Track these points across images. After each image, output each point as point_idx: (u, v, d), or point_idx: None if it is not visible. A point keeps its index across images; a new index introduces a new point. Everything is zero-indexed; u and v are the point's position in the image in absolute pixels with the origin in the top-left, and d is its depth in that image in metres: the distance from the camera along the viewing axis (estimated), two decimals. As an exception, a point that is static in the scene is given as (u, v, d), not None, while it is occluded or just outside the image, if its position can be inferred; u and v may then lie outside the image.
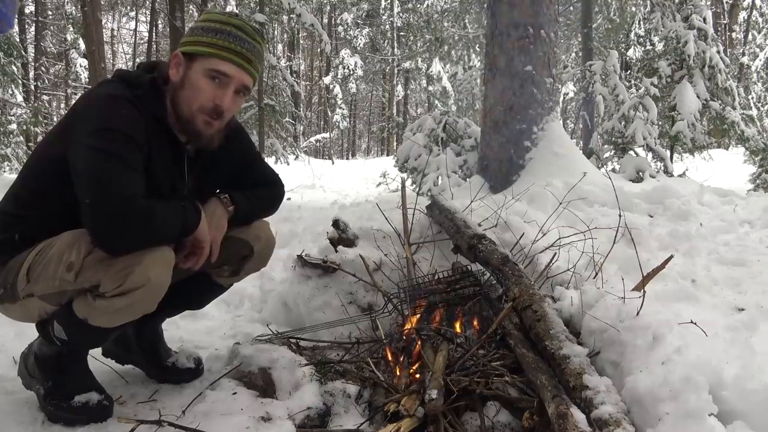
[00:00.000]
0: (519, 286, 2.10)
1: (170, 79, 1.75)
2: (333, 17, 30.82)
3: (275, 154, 13.53)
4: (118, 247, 1.60)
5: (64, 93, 23.77)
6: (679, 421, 1.39)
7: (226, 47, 1.71)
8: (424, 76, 26.20)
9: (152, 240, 1.64)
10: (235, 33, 1.73)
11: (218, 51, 1.71)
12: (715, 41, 10.67)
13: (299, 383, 1.98)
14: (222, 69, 1.71)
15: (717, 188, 5.32)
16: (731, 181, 9.87)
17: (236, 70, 1.73)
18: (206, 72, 1.71)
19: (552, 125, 4.80)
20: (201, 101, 1.73)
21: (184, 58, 1.74)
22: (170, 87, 1.76)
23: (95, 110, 1.65)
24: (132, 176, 1.61)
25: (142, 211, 1.57)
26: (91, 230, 1.58)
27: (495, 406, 1.80)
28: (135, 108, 1.67)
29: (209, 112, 1.74)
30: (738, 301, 2.50)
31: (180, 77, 1.74)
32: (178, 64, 1.75)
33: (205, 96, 1.72)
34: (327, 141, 30.05)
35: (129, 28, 29.74)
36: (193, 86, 1.72)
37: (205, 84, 1.72)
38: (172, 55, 1.77)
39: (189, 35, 1.77)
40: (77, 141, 1.60)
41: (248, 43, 1.75)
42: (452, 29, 15.97)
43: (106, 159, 1.57)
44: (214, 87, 1.72)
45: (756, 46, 24.58)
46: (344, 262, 2.71)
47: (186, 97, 1.73)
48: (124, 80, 1.75)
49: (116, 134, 1.60)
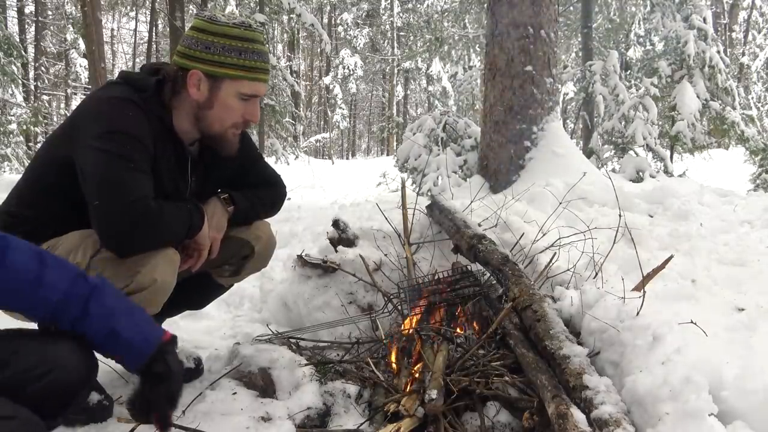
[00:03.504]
0: (519, 286, 2.10)
1: (191, 96, 1.75)
2: (333, 17, 30.83)
3: (275, 154, 13.55)
4: (127, 248, 1.61)
5: (64, 93, 23.79)
6: (679, 421, 1.39)
7: (254, 67, 1.74)
8: (424, 76, 26.24)
9: (160, 241, 1.65)
10: (256, 48, 1.74)
11: (247, 73, 1.73)
12: (715, 41, 10.68)
13: (299, 383, 1.98)
14: (254, 92, 1.76)
15: (717, 188, 5.32)
16: (731, 181, 9.86)
17: (264, 86, 1.80)
18: (238, 95, 1.75)
19: (552, 125, 4.80)
20: (234, 119, 1.78)
21: (207, 77, 1.72)
22: (189, 101, 1.76)
23: (102, 112, 1.65)
24: (140, 178, 1.62)
25: (152, 213, 1.59)
26: (100, 231, 1.59)
27: (495, 406, 1.80)
28: (141, 110, 1.68)
29: (241, 126, 1.81)
30: (738, 301, 2.50)
31: (207, 97, 1.74)
32: (199, 82, 1.73)
33: (238, 114, 1.78)
34: (327, 141, 30.06)
35: (129, 28, 29.77)
36: (225, 107, 1.75)
37: (237, 104, 1.76)
38: (189, 73, 1.73)
39: (207, 52, 1.71)
40: (84, 143, 1.61)
41: (266, 55, 1.78)
42: (452, 29, 15.98)
43: (114, 161, 1.58)
44: (244, 105, 1.77)
45: (756, 46, 24.58)
46: (344, 262, 2.71)
47: (218, 116, 1.77)
48: (129, 83, 1.76)
49: (124, 136, 1.61)
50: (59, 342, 1.31)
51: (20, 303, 1.31)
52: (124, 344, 1.33)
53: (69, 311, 1.30)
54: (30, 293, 1.28)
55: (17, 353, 1.26)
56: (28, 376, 1.24)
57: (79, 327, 1.31)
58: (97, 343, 1.34)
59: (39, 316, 1.33)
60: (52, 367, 1.26)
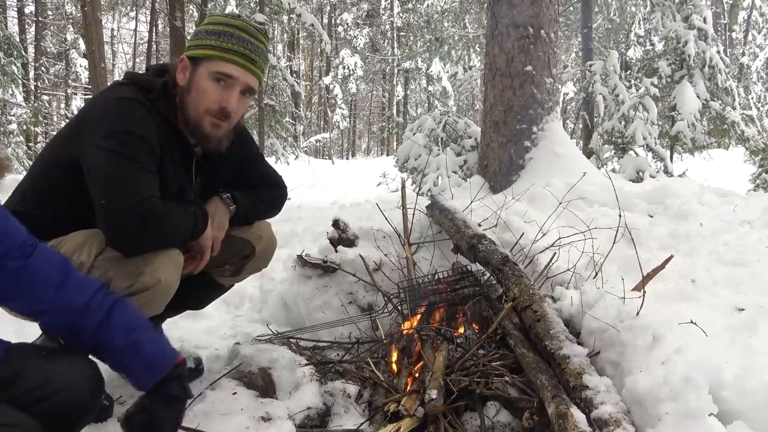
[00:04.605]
0: (519, 286, 2.10)
1: (178, 84, 1.77)
2: (333, 17, 30.83)
3: (275, 154, 13.54)
4: (134, 247, 1.61)
5: (64, 93, 23.76)
6: (679, 421, 1.39)
7: (230, 49, 1.72)
8: (424, 76, 26.22)
9: (167, 241, 1.66)
10: (238, 34, 1.74)
11: (222, 53, 1.72)
12: (715, 41, 10.67)
13: (299, 383, 1.98)
14: (226, 71, 1.72)
15: (717, 188, 5.31)
16: (731, 181, 9.85)
17: (240, 71, 1.74)
18: (211, 74, 1.72)
19: (552, 125, 4.80)
20: (207, 103, 1.74)
21: (189, 62, 1.75)
22: (178, 91, 1.78)
23: (109, 113, 1.66)
24: (147, 178, 1.62)
25: (159, 213, 1.59)
26: (106, 231, 1.59)
27: (495, 406, 1.80)
28: (147, 111, 1.69)
29: (216, 114, 1.75)
30: (738, 301, 2.50)
31: (187, 81, 1.76)
32: (184, 69, 1.76)
33: (211, 98, 1.74)
34: (327, 141, 30.04)
35: (129, 28, 29.75)
36: (199, 89, 1.74)
37: (211, 86, 1.73)
38: (178, 59, 1.78)
39: (193, 39, 1.79)
40: (91, 143, 1.61)
41: (251, 44, 1.76)
42: (452, 29, 15.96)
43: (121, 161, 1.58)
44: (219, 89, 1.74)
45: (756, 46, 24.58)
46: (344, 262, 2.71)
47: (193, 100, 1.75)
48: (135, 83, 1.76)
49: (131, 137, 1.61)
50: (72, 361, 1.31)
51: (41, 306, 1.32)
52: (144, 357, 1.34)
53: (92, 317, 1.31)
54: (52, 298, 1.30)
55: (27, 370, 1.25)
56: (38, 393, 1.24)
57: (100, 334, 1.31)
58: (116, 352, 1.33)
59: (58, 323, 1.33)
60: (62, 387, 1.25)
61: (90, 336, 1.32)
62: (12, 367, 1.23)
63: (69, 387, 1.26)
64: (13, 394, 1.20)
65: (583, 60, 12.00)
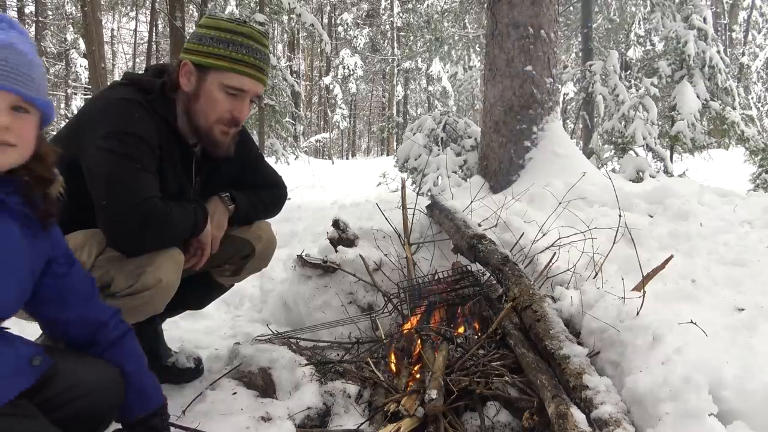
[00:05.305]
0: (519, 286, 2.10)
1: (181, 88, 1.76)
2: (333, 17, 30.83)
3: (275, 154, 13.54)
4: (135, 247, 1.62)
5: (64, 93, 23.76)
6: (679, 421, 1.39)
7: (241, 60, 1.72)
8: (424, 76, 26.21)
9: (168, 241, 1.67)
10: (247, 43, 1.73)
11: (232, 64, 1.71)
12: (715, 41, 10.67)
13: (299, 383, 1.98)
14: (238, 85, 1.73)
15: (717, 188, 5.30)
16: (731, 181, 9.85)
17: (252, 83, 1.75)
18: (222, 87, 1.72)
19: (552, 125, 4.79)
20: (219, 114, 1.75)
21: (195, 68, 1.74)
22: (182, 95, 1.77)
23: (108, 114, 1.66)
24: (147, 178, 1.63)
25: (160, 212, 1.59)
26: (107, 231, 1.60)
27: (495, 406, 1.80)
28: (146, 112, 1.69)
29: (227, 123, 1.77)
30: (738, 301, 2.49)
31: (194, 88, 1.75)
32: (188, 74, 1.75)
33: (223, 108, 1.75)
34: (327, 141, 30.04)
35: (129, 28, 29.75)
36: (209, 99, 1.74)
37: (222, 97, 1.74)
38: (181, 62, 1.76)
39: (198, 43, 1.75)
40: (91, 144, 1.61)
41: (260, 53, 1.76)
42: (452, 29, 15.96)
43: (121, 161, 1.59)
44: (230, 100, 1.74)
45: (756, 46, 24.57)
46: (344, 262, 2.71)
47: (203, 109, 1.75)
48: (134, 84, 1.76)
49: (131, 137, 1.62)
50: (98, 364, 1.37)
51: (68, 315, 1.37)
52: (143, 388, 1.42)
53: (110, 334, 1.40)
54: (81, 308, 1.37)
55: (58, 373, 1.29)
56: (67, 396, 1.29)
57: (113, 353, 1.39)
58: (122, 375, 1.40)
59: (76, 333, 1.39)
60: (89, 391, 1.31)
61: (102, 351, 1.39)
62: (48, 371, 1.26)
63: (98, 390, 1.32)
64: (44, 396, 1.24)
65: (583, 60, 12.01)
